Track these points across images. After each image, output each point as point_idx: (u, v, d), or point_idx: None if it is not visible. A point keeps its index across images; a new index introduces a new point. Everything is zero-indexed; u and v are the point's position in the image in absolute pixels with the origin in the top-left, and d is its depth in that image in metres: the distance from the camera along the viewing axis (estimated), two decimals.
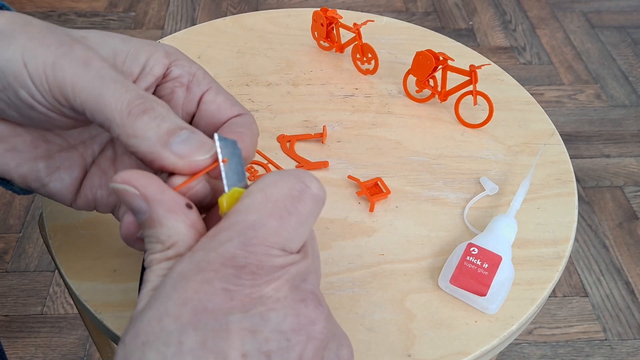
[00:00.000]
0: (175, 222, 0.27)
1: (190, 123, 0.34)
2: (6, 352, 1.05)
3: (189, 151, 0.28)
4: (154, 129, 0.28)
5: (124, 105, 0.28)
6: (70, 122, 0.31)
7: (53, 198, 0.34)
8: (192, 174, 0.28)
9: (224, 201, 0.27)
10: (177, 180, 0.28)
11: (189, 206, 0.28)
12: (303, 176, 0.28)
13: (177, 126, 0.28)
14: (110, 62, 0.30)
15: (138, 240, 0.30)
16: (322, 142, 0.55)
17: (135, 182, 0.27)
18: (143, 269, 0.42)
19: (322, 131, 0.55)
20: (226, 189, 0.28)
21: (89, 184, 0.35)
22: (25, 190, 0.35)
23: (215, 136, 0.28)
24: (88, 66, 0.28)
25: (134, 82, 0.32)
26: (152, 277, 0.26)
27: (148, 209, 0.27)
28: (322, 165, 0.52)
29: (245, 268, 0.25)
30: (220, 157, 0.28)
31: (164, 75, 0.33)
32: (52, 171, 0.33)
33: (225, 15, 1.65)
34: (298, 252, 0.27)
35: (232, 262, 0.25)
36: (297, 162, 0.53)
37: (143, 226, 0.27)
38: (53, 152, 0.33)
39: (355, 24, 0.61)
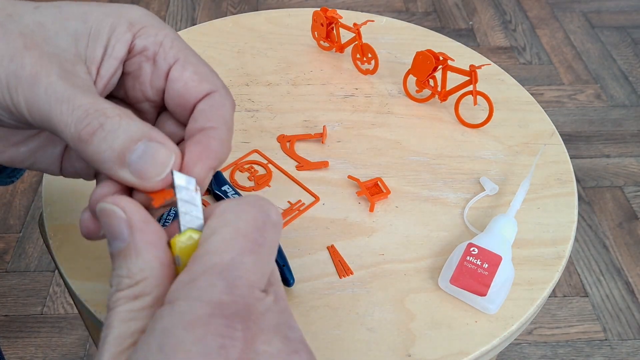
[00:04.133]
0: (152, 256, 0.25)
1: (163, 100, 0.32)
2: (6, 352, 1.06)
3: (146, 172, 0.26)
4: (107, 151, 0.26)
5: (72, 130, 0.26)
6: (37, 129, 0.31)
7: (43, 172, 0.34)
8: (154, 192, 0.27)
9: (176, 242, 0.26)
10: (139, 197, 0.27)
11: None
12: (262, 204, 0.26)
13: (132, 139, 0.26)
14: (65, 63, 0.28)
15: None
16: (322, 142, 0.55)
17: (123, 206, 0.25)
18: None
19: (322, 131, 0.55)
20: (181, 228, 0.26)
21: (68, 157, 0.34)
22: (9, 180, 0.35)
23: (173, 174, 0.26)
24: (36, 86, 0.27)
25: (98, 68, 0.29)
26: (116, 322, 0.24)
27: (129, 236, 0.25)
28: (322, 165, 0.52)
29: (236, 316, 0.22)
30: (177, 195, 0.26)
31: (130, 50, 0.30)
32: (35, 151, 0.33)
33: (225, 15, 1.65)
34: (266, 292, 0.25)
35: (222, 310, 0.22)
36: (297, 162, 0.53)
37: (117, 255, 0.26)
38: (31, 135, 0.33)
39: (355, 24, 0.61)
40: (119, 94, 0.32)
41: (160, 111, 0.33)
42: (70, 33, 0.29)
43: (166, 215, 0.45)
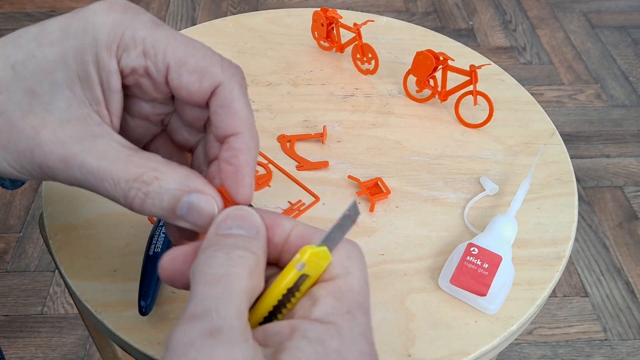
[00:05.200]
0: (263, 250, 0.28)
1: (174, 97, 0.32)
2: (6, 352, 1.06)
3: (196, 222, 0.29)
4: (158, 211, 0.28)
5: (122, 202, 0.28)
6: None
7: None
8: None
9: (310, 251, 0.27)
10: None
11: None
12: (364, 260, 0.29)
13: (175, 197, 0.28)
14: (78, 128, 0.28)
15: (181, 279, 0.28)
16: (322, 142, 0.55)
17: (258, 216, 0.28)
18: (143, 270, 0.42)
19: (322, 131, 0.55)
20: (319, 241, 0.28)
21: None
22: (15, 185, 0.35)
23: (352, 202, 0.29)
24: (70, 169, 0.28)
25: (107, 108, 0.29)
26: (246, 273, 0.25)
27: (260, 230, 0.28)
28: (322, 165, 0.52)
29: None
30: (341, 219, 0.29)
31: (121, 73, 0.29)
32: None
33: (225, 15, 1.65)
34: None
35: (370, 354, 0.25)
36: (297, 162, 0.53)
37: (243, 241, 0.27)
38: None
39: (355, 24, 0.61)
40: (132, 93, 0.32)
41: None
42: (62, 86, 0.28)
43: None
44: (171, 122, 0.33)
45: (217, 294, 0.24)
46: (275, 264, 0.29)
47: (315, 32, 0.65)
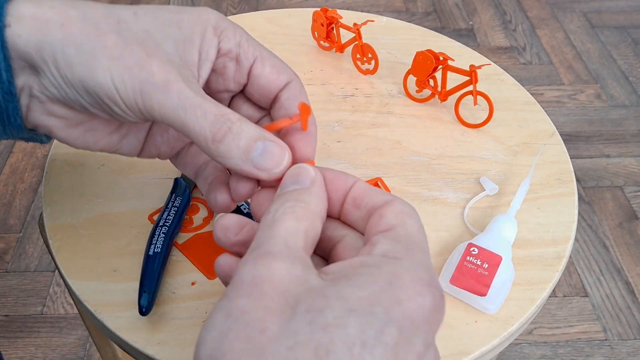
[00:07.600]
0: (320, 200, 0.30)
1: (243, 91, 0.38)
2: (6, 352, 1.06)
3: (266, 166, 0.32)
4: (234, 150, 0.31)
5: (206, 132, 0.31)
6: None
7: (124, 155, 0.38)
8: (276, 180, 0.33)
9: None
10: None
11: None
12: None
13: (252, 139, 0.32)
14: (179, 68, 0.32)
15: (236, 245, 0.31)
16: (304, 129, 0.48)
17: (314, 169, 0.31)
18: (143, 270, 0.42)
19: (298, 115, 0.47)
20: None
21: (152, 142, 0.38)
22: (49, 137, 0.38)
23: None
24: (169, 92, 0.31)
25: (197, 70, 0.34)
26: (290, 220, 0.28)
27: (316, 181, 0.30)
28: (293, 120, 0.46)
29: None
30: None
31: (217, 52, 0.35)
32: (122, 138, 0.37)
33: (225, 16, 1.65)
34: None
35: (431, 287, 0.26)
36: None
37: (290, 192, 0.30)
38: (122, 123, 0.36)
39: (355, 24, 0.61)
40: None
41: (232, 96, 0.39)
42: (171, 40, 0.33)
43: (166, 215, 0.45)
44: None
45: (267, 233, 0.27)
46: (337, 218, 0.32)
47: (315, 32, 0.65)
